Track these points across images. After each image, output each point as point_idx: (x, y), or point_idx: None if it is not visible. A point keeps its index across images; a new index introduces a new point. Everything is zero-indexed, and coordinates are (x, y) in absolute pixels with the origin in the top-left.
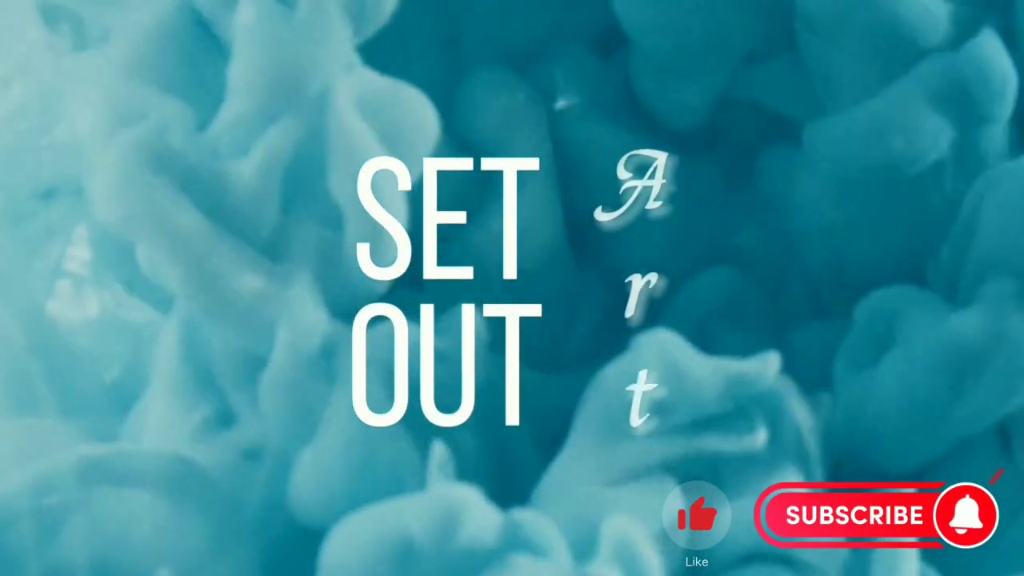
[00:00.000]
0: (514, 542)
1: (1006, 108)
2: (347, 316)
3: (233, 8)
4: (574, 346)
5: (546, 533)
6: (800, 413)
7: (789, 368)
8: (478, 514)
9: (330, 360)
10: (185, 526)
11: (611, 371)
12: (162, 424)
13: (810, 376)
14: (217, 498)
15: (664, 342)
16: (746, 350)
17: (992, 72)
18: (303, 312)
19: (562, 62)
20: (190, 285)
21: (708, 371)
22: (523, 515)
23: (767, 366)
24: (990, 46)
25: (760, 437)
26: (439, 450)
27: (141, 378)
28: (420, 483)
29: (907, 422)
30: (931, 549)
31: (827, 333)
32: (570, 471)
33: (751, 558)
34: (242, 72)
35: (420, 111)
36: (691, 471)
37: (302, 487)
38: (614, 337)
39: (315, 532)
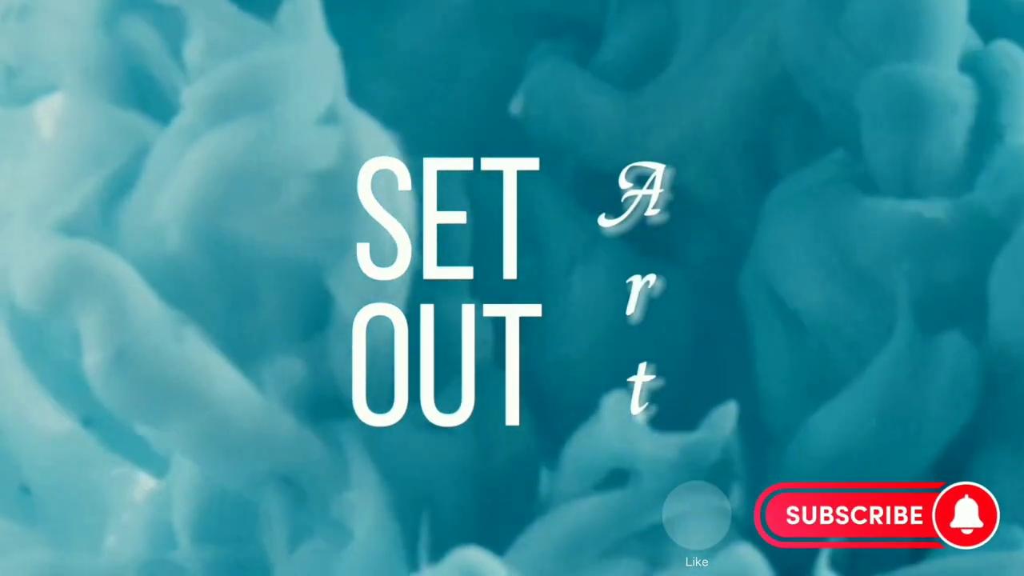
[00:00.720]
0: None
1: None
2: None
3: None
4: None
5: None
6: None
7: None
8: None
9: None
10: None
11: (576, 442)
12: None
13: None
14: None
15: (621, 411)
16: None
17: (1007, 65)
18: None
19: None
20: (121, 373)
21: (659, 446)
22: None
23: (722, 426)
24: (1001, 47)
25: (734, 498)
26: (427, 520)
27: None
28: None
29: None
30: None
31: None
32: (538, 541)
33: None
34: (200, 90)
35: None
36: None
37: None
38: None
39: None
